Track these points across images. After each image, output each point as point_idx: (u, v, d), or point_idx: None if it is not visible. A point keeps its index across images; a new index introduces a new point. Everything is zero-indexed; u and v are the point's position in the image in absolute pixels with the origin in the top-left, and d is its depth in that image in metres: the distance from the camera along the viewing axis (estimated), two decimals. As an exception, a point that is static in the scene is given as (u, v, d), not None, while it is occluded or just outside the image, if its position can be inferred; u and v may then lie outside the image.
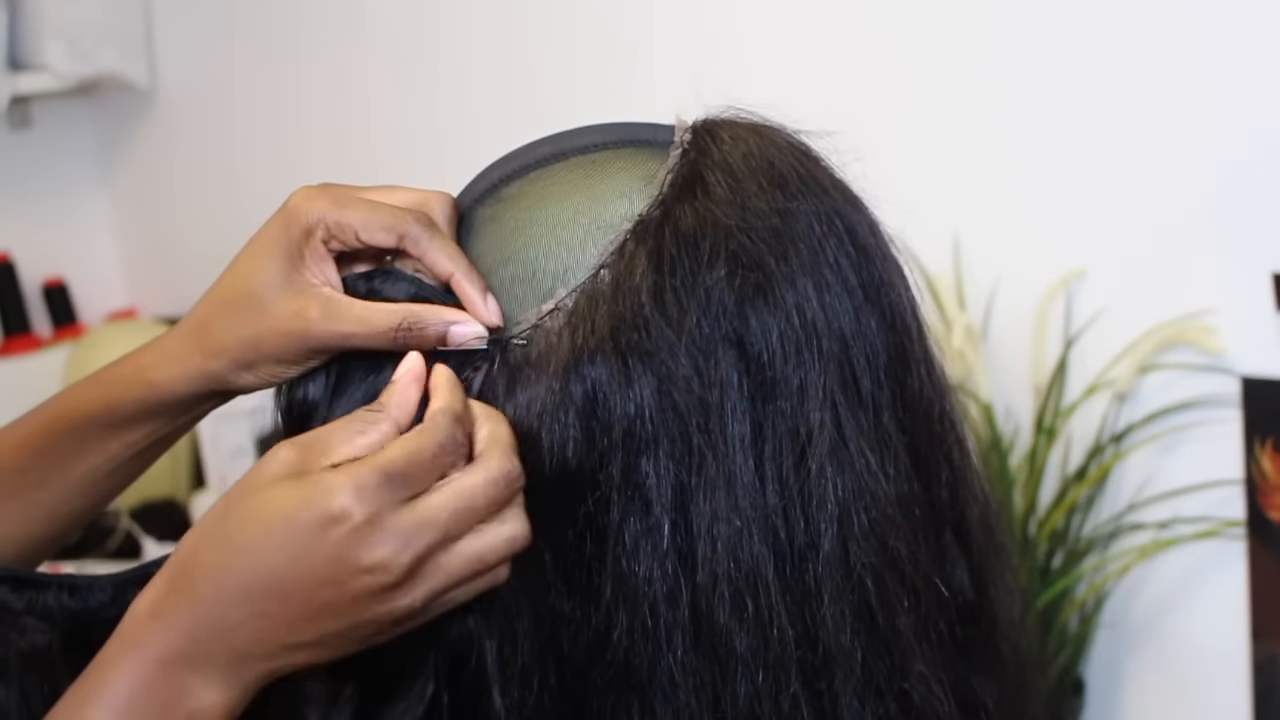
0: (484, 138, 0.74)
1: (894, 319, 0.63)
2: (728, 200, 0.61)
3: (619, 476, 0.59)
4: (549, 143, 0.68)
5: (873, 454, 0.61)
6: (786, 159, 0.64)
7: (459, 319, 0.62)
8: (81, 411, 0.71)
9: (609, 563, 0.59)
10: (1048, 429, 1.49)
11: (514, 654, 0.60)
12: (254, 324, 0.65)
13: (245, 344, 0.66)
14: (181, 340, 0.68)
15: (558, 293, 0.62)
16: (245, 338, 0.66)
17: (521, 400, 0.60)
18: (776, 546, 0.59)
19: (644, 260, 0.60)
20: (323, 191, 0.66)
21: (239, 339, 0.66)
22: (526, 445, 0.60)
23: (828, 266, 0.61)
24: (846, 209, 0.64)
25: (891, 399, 0.62)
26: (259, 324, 0.65)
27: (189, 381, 0.68)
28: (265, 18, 2.24)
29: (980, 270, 1.56)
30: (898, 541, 0.60)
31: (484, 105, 1.97)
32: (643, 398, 0.59)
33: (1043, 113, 1.50)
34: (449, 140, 1.98)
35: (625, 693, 0.59)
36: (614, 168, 0.65)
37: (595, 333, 0.60)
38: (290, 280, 0.65)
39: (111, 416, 0.71)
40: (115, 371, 0.71)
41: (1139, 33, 1.43)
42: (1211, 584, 1.46)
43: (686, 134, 0.65)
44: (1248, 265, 1.39)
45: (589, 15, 1.86)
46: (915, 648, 0.61)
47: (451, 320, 0.62)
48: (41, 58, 2.26)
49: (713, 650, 0.59)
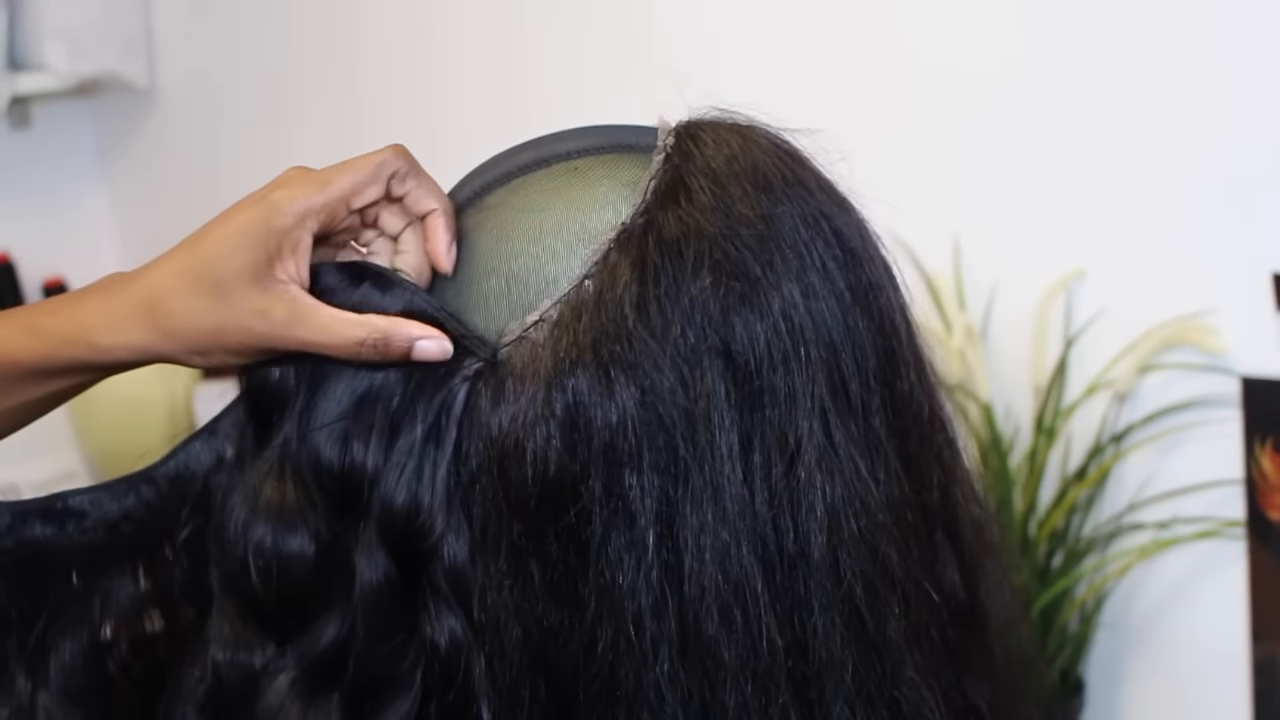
0: (481, 138, 0.73)
1: (883, 322, 0.62)
2: (711, 206, 0.60)
3: (601, 489, 0.58)
4: (531, 148, 0.67)
5: (862, 459, 0.60)
6: (771, 161, 0.63)
7: (425, 334, 0.62)
8: (10, 358, 0.68)
9: (592, 575, 0.58)
10: (1048, 429, 1.48)
11: (502, 667, 0.60)
12: (215, 314, 0.63)
13: (203, 333, 0.64)
14: (132, 309, 0.65)
15: (542, 304, 0.61)
16: (204, 326, 0.64)
17: (505, 412, 0.60)
18: (765, 556, 0.58)
19: (627, 270, 0.60)
20: (302, 178, 0.65)
21: (197, 326, 0.64)
22: (511, 457, 0.59)
23: (814, 271, 0.61)
24: (833, 211, 0.63)
25: (881, 403, 0.61)
26: (221, 315, 0.63)
27: (135, 353, 0.66)
28: (265, 18, 2.24)
29: (980, 270, 1.56)
30: (888, 547, 0.60)
31: (480, 105, 1.97)
32: (625, 409, 0.58)
33: (1043, 113, 1.50)
34: (446, 139, 1.98)
35: (612, 706, 0.59)
36: (597, 174, 0.64)
37: (578, 344, 0.59)
38: (259, 275, 0.63)
39: (43, 368, 0.68)
40: (51, 323, 0.67)
41: (1139, 33, 1.42)
42: (1211, 584, 1.46)
43: (670, 137, 0.64)
44: (1248, 265, 1.38)
45: (585, 14, 1.86)
46: (906, 654, 0.60)
47: (418, 336, 0.62)
48: (41, 58, 2.26)
49: (700, 662, 0.58)
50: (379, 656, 0.59)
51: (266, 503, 0.62)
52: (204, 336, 0.64)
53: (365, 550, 0.61)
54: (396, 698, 0.60)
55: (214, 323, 0.63)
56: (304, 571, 0.62)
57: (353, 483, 0.61)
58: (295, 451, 0.62)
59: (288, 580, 0.62)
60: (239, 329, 0.63)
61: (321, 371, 0.63)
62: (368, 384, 0.62)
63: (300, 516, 0.62)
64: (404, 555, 0.61)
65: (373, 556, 0.61)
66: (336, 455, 0.61)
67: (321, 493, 0.62)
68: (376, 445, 0.61)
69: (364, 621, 0.61)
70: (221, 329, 0.63)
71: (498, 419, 0.60)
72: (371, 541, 0.61)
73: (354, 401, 0.62)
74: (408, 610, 0.61)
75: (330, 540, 0.62)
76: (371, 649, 0.61)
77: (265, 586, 0.62)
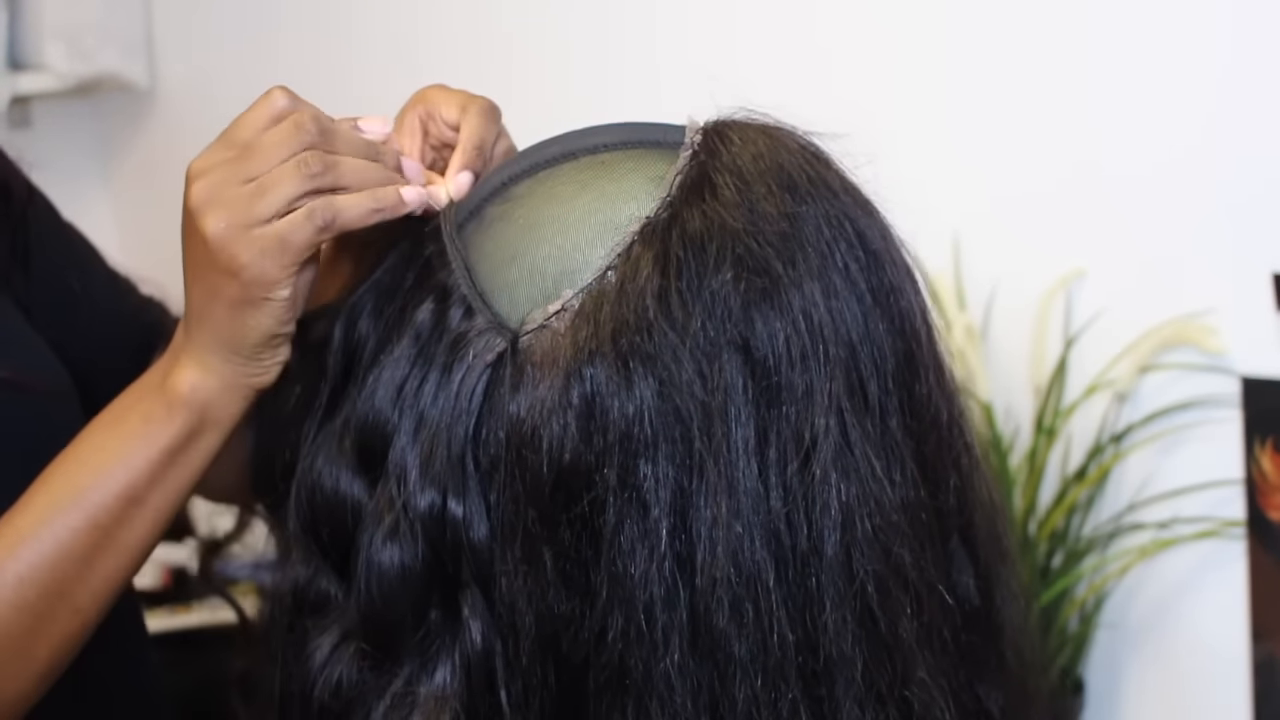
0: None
1: (903, 324, 0.63)
2: (736, 203, 0.61)
3: (615, 478, 0.59)
4: (558, 143, 0.68)
5: (878, 460, 0.60)
6: (797, 161, 0.63)
7: None
8: None
9: (605, 564, 0.59)
10: (1048, 429, 1.49)
11: (518, 653, 0.60)
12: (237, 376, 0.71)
13: None
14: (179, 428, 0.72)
15: (564, 293, 0.62)
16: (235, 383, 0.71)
17: (524, 399, 0.60)
18: (778, 552, 0.59)
19: (650, 262, 0.60)
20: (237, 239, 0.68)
21: None
22: (528, 445, 0.60)
23: (836, 271, 0.61)
24: (857, 213, 0.63)
25: (899, 405, 0.62)
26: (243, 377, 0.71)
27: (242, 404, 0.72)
28: (265, 18, 2.24)
29: (980, 270, 1.56)
30: (902, 548, 0.60)
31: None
32: (643, 400, 0.59)
33: (1043, 113, 1.50)
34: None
35: (621, 695, 0.59)
36: (623, 168, 0.65)
37: (598, 334, 0.59)
38: None
39: None
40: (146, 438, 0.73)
41: (1139, 33, 1.42)
42: (1211, 584, 1.46)
43: (697, 135, 0.65)
44: (1248, 265, 1.38)
45: (601, 14, 1.86)
46: (918, 655, 0.61)
47: None
48: (41, 58, 2.26)
49: (710, 654, 0.58)
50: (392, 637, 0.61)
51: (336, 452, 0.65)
52: None
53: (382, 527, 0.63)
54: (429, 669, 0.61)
55: None
56: (341, 514, 0.64)
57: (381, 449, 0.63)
58: (356, 410, 0.65)
59: (333, 516, 0.64)
60: None
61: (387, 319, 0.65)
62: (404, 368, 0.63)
63: (351, 471, 0.64)
64: (429, 540, 0.62)
65: (391, 538, 0.62)
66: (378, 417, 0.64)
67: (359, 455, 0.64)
68: (398, 420, 0.63)
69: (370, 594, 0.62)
70: None
71: (516, 405, 0.60)
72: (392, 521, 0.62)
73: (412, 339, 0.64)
74: (425, 595, 0.62)
75: None
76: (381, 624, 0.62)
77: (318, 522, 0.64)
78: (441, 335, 0.63)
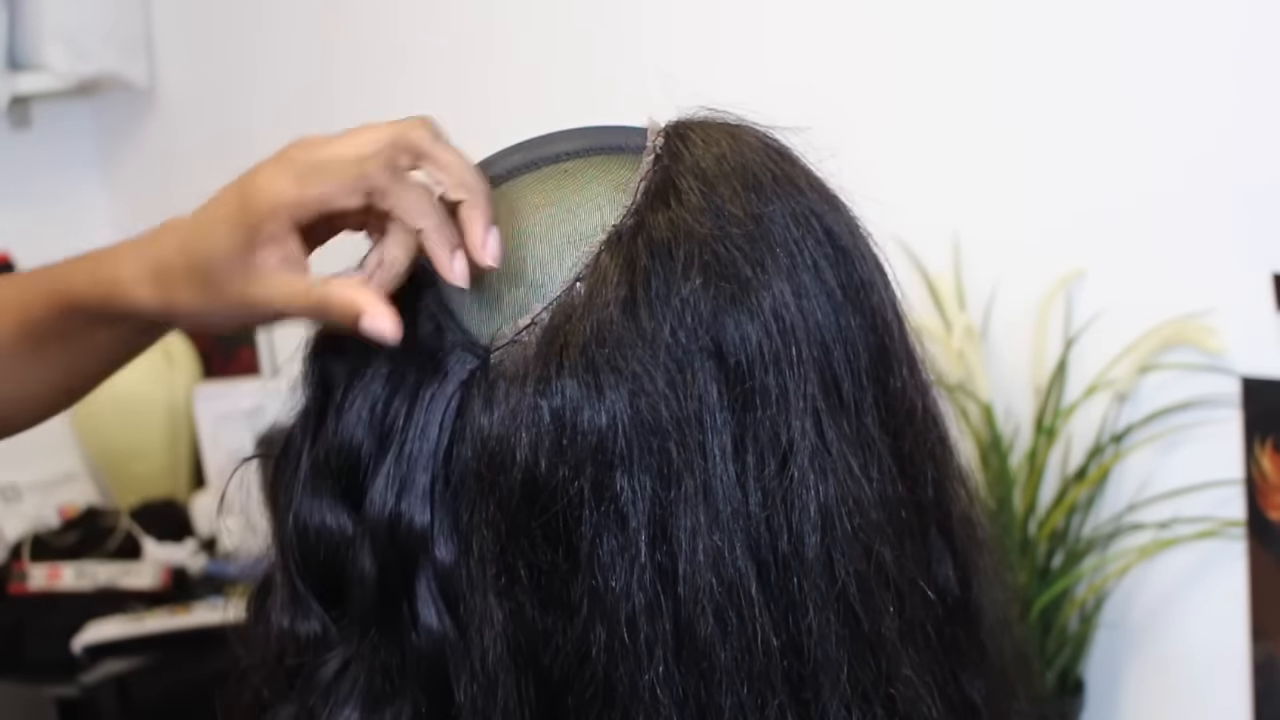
0: (482, 138, 0.73)
1: (874, 319, 0.62)
2: (701, 207, 0.60)
3: (590, 491, 0.58)
4: (520, 150, 0.67)
5: (855, 458, 0.60)
6: (760, 159, 0.62)
7: (371, 308, 0.62)
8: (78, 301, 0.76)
9: (584, 578, 0.58)
10: (1048, 429, 1.49)
11: (486, 670, 0.59)
12: (205, 299, 0.69)
13: (195, 314, 0.71)
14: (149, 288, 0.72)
15: (534, 306, 0.61)
16: (196, 308, 0.70)
17: (497, 416, 0.59)
18: (759, 557, 0.58)
19: (617, 272, 0.59)
20: (286, 167, 0.65)
21: (190, 309, 0.70)
22: (500, 461, 0.59)
23: (805, 270, 0.60)
24: (823, 209, 0.63)
25: (874, 401, 0.61)
26: (209, 300, 0.68)
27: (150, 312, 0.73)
28: (265, 18, 2.24)
29: (980, 270, 1.56)
30: (882, 546, 0.60)
31: (481, 104, 1.97)
32: (615, 412, 0.58)
33: (1043, 112, 1.50)
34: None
35: (608, 709, 0.58)
36: (586, 176, 0.64)
37: (568, 347, 0.59)
38: (243, 261, 0.66)
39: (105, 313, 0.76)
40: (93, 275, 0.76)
41: (1139, 33, 1.42)
42: (1211, 584, 1.46)
43: (659, 138, 0.64)
44: (1248, 265, 1.38)
45: (568, 15, 1.86)
46: (902, 652, 0.60)
47: (363, 307, 0.62)
48: (41, 58, 2.26)
49: (695, 664, 0.58)
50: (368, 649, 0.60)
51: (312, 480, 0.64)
52: (196, 317, 0.71)
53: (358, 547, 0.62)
54: (391, 706, 0.60)
55: (203, 307, 0.69)
56: (331, 548, 0.63)
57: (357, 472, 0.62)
58: (329, 434, 0.63)
59: (322, 552, 0.63)
60: (225, 315, 0.69)
61: (362, 356, 0.63)
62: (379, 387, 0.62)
63: (331, 500, 0.63)
64: (389, 557, 0.61)
65: (362, 554, 0.61)
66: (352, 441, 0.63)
67: (334, 481, 0.63)
68: (372, 444, 0.62)
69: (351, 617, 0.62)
70: (210, 310, 0.69)
71: (489, 422, 0.60)
72: (362, 540, 0.61)
73: (382, 385, 0.62)
74: (394, 610, 0.61)
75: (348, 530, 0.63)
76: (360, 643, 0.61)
77: (305, 556, 0.63)
78: (413, 355, 0.62)
